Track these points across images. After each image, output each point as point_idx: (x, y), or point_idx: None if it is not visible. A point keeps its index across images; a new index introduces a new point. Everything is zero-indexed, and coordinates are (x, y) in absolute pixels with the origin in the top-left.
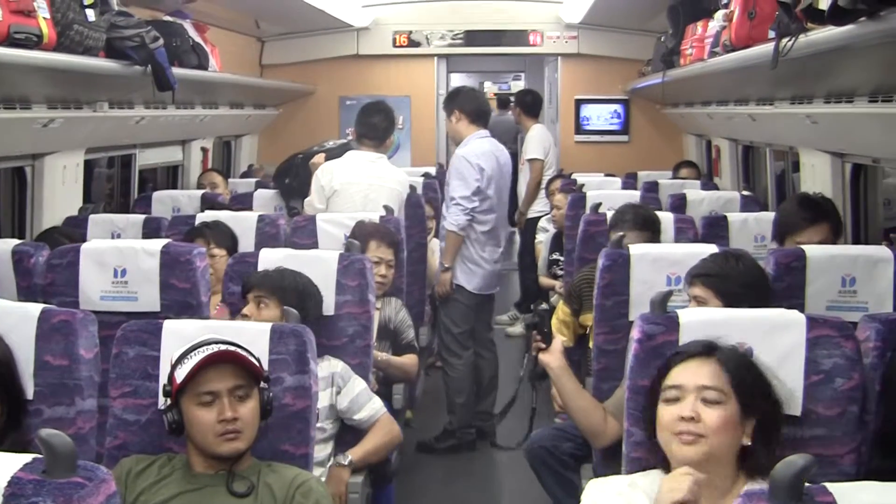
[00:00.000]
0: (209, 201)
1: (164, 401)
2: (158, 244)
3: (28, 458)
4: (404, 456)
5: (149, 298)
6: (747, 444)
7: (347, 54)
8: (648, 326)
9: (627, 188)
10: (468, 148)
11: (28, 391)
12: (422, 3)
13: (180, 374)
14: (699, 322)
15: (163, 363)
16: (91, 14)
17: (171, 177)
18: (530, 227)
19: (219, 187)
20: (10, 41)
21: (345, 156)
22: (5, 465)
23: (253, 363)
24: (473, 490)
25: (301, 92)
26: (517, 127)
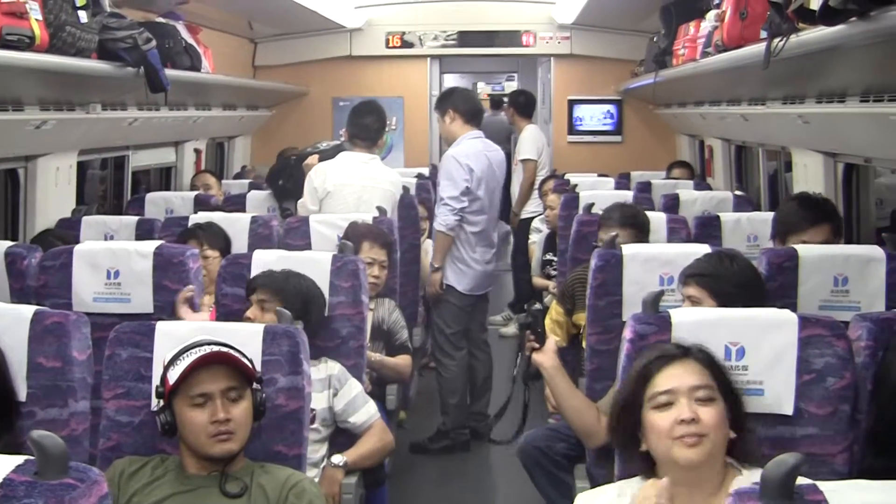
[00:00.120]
0: (202, 203)
1: (156, 402)
2: (151, 246)
3: (20, 459)
4: (398, 457)
5: (142, 300)
6: (733, 436)
7: (340, 55)
8: (640, 326)
9: (620, 188)
10: (459, 148)
11: (21, 393)
12: (415, 4)
13: (173, 375)
14: (691, 322)
15: (156, 365)
16: (83, 15)
17: (165, 178)
18: (524, 227)
19: (212, 188)
20: (2, 43)
21: (337, 157)
22: None
23: (245, 364)
24: (467, 491)
25: (294, 93)
26: (510, 127)
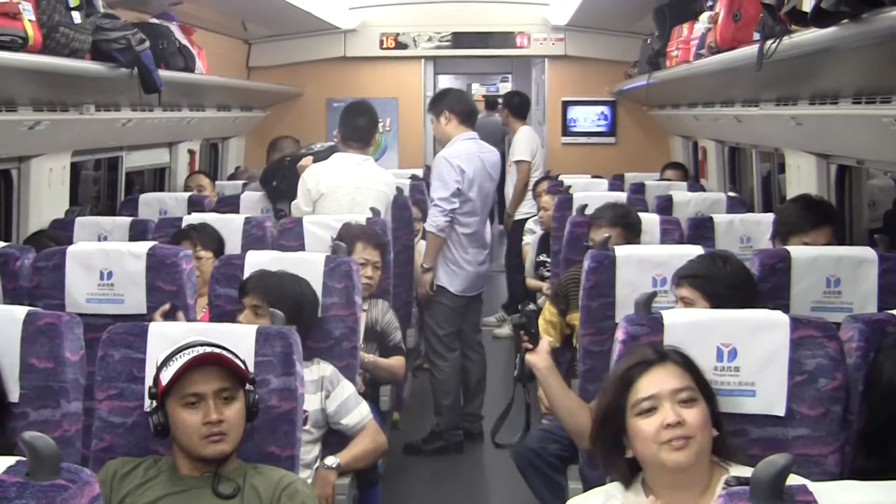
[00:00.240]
0: (196, 204)
1: (149, 403)
2: (145, 246)
3: (11, 460)
4: (391, 458)
5: (135, 301)
6: (716, 434)
7: (334, 56)
8: (633, 327)
9: (614, 190)
10: (451, 149)
11: (13, 394)
12: (409, 5)
13: (165, 376)
14: (683, 323)
15: (149, 365)
16: (77, 16)
17: (158, 179)
18: (517, 228)
19: (206, 189)
20: None
21: (331, 158)
22: None
23: (238, 365)
24: (460, 492)
25: (288, 94)
26: (504, 128)
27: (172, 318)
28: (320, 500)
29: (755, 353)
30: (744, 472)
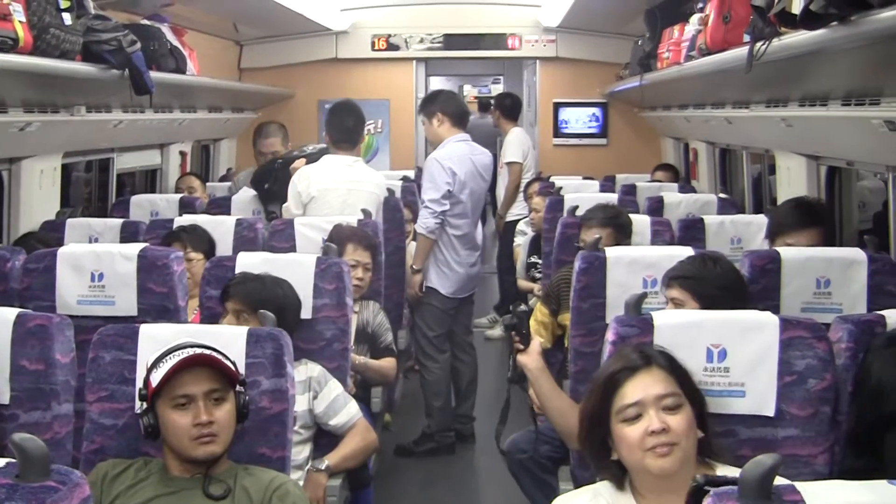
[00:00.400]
0: (187, 205)
1: (140, 405)
2: (136, 248)
3: (1, 462)
4: (383, 459)
5: (126, 303)
6: (701, 436)
7: (326, 58)
8: (623, 328)
9: (605, 191)
10: (443, 151)
11: (3, 396)
12: (400, 6)
13: (156, 377)
14: (673, 324)
15: (139, 367)
16: (67, 17)
17: (150, 181)
18: (509, 229)
19: (197, 191)
20: None
21: (321, 160)
22: None
23: (228, 366)
24: (452, 493)
25: (280, 95)
26: (497, 130)
27: None
28: (312, 503)
29: (745, 353)
30: (730, 472)
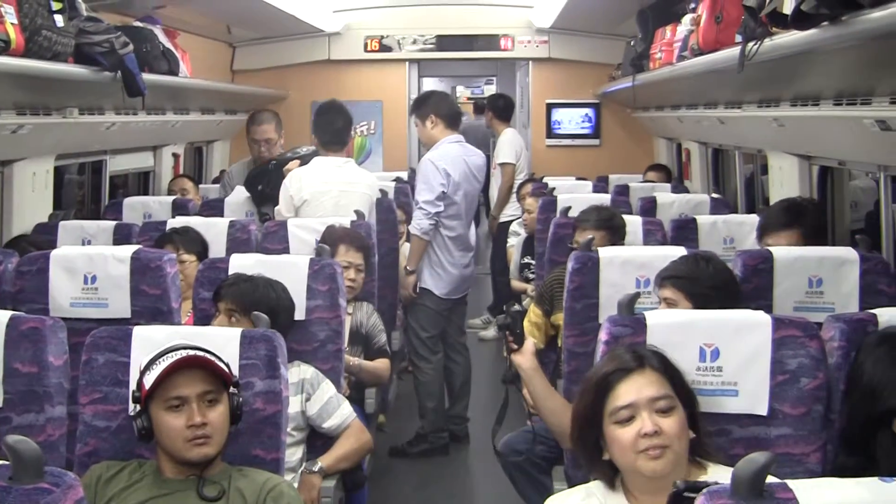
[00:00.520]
0: (180, 207)
1: (133, 407)
2: (129, 250)
3: None
4: (377, 460)
5: (119, 305)
6: (693, 436)
7: (319, 59)
8: (616, 328)
9: (598, 192)
10: (437, 152)
11: None
12: (393, 7)
13: (149, 379)
14: (665, 324)
15: (133, 369)
16: (59, 19)
17: (143, 183)
18: (502, 230)
19: (189, 193)
20: None
21: (312, 163)
22: None
23: (222, 368)
24: (446, 494)
25: (273, 97)
26: (490, 131)
27: None
28: None
29: (737, 353)
30: (722, 471)
